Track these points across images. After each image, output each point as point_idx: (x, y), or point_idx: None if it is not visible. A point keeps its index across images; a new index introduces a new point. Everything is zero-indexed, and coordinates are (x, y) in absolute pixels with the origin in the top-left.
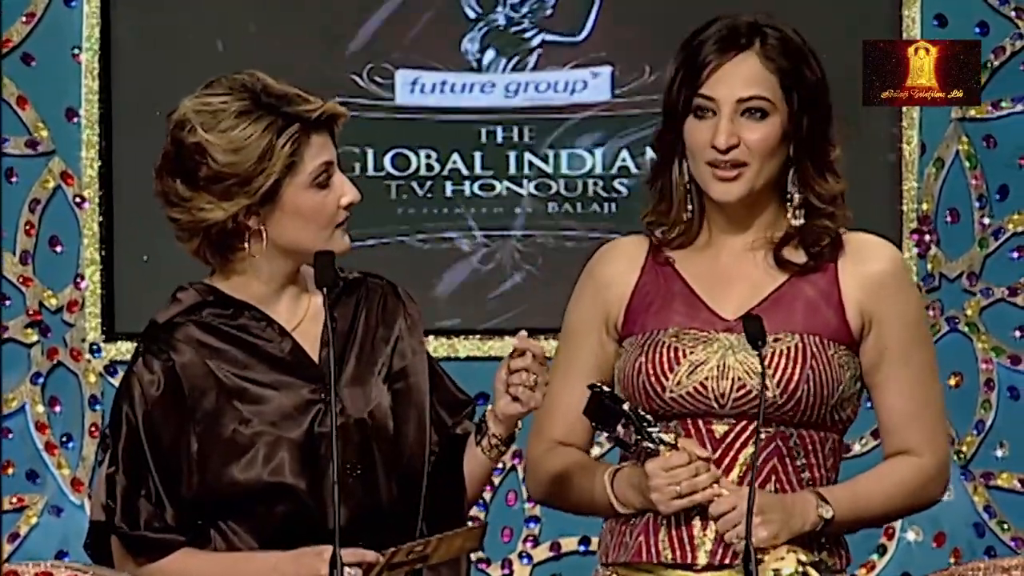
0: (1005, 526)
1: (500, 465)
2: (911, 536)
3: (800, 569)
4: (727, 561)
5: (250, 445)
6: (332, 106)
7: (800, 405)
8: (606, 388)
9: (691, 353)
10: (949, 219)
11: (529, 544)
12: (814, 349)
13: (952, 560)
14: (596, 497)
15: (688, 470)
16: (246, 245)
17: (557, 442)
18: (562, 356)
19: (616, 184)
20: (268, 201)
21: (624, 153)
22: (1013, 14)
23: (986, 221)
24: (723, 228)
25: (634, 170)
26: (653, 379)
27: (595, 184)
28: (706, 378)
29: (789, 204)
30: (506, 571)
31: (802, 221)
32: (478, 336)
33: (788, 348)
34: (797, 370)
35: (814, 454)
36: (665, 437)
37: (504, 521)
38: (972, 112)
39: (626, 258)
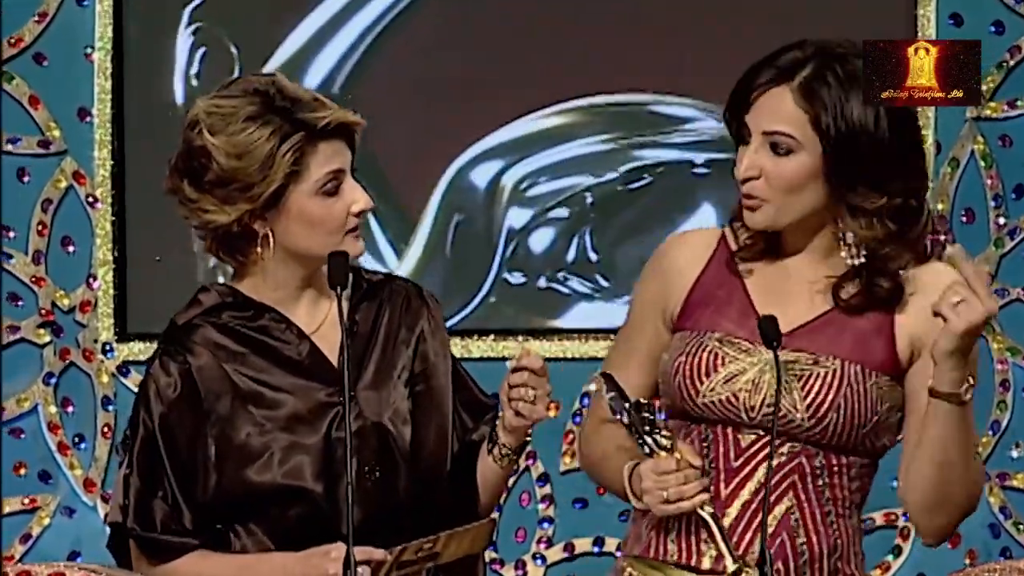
0: (1021, 527)
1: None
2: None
3: None
4: (720, 568)
5: (265, 449)
6: (343, 114)
7: (828, 430)
8: (616, 379)
9: (731, 362)
10: (964, 219)
11: (543, 545)
12: (852, 377)
13: (967, 561)
14: (622, 486)
15: (677, 477)
16: (256, 249)
17: (605, 420)
18: (623, 334)
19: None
20: (272, 207)
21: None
22: None
23: (1001, 221)
24: (787, 248)
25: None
26: (689, 382)
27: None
28: (740, 389)
29: (843, 242)
30: (520, 572)
31: (859, 260)
32: (491, 336)
33: (825, 372)
34: (830, 396)
35: (838, 476)
36: (661, 440)
37: (518, 522)
38: (987, 112)
39: (694, 251)
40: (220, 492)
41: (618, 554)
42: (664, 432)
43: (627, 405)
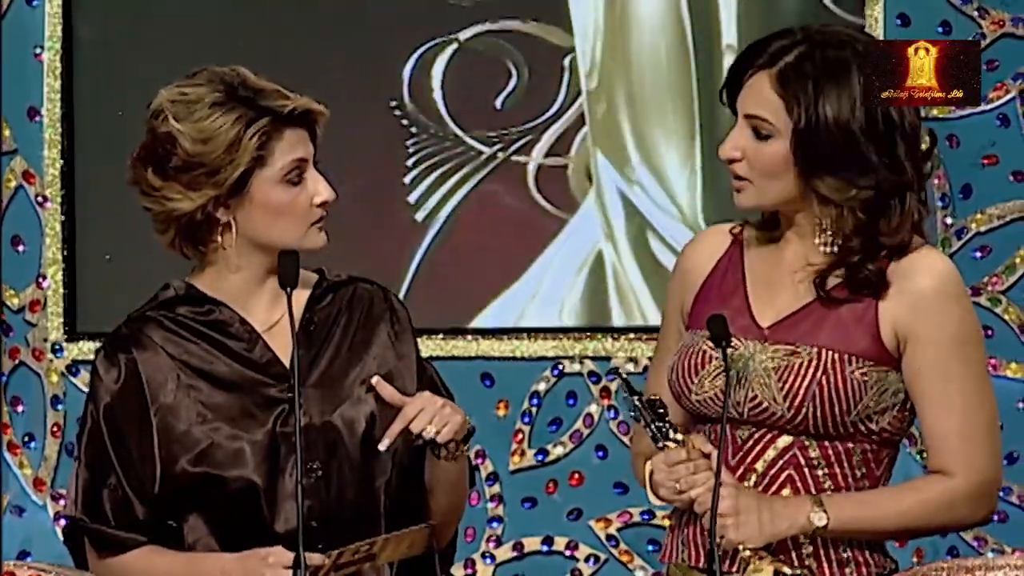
0: None
1: None
2: None
3: None
4: (733, 569)
5: (207, 439)
6: (307, 102)
7: (808, 419)
8: (627, 378)
9: (715, 358)
10: None
11: (492, 544)
12: (829, 365)
13: (915, 560)
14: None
15: (687, 467)
16: (218, 238)
17: None
18: (659, 336)
19: None
20: (236, 193)
21: None
22: (976, 14)
23: (949, 221)
24: (785, 232)
25: None
26: (681, 380)
27: None
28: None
29: (819, 229)
30: (469, 571)
31: (830, 248)
32: (440, 336)
33: (801, 362)
34: (804, 384)
35: (838, 464)
36: (672, 434)
37: (467, 521)
38: (935, 112)
39: (710, 248)
40: (164, 483)
41: (567, 553)
42: (676, 426)
43: (638, 401)
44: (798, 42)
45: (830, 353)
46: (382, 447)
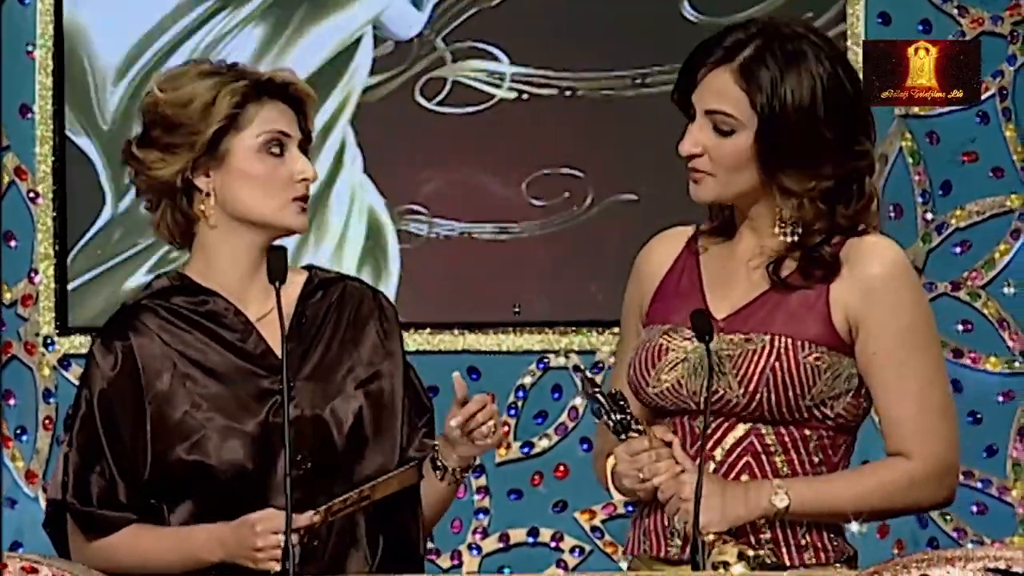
0: (948, 517)
1: None
2: (855, 527)
3: (739, 563)
4: (685, 556)
5: (200, 429)
6: (289, 76)
7: (763, 405)
8: (587, 373)
9: (673, 351)
10: (893, 214)
11: (478, 536)
12: (782, 351)
13: (895, 551)
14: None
15: (649, 455)
16: (200, 207)
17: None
18: (619, 340)
19: None
20: (213, 156)
21: None
22: (956, 12)
23: (929, 216)
24: (743, 223)
25: None
26: (638, 374)
27: None
28: (682, 376)
29: (779, 219)
30: (455, 562)
31: (792, 238)
32: (427, 329)
33: (755, 349)
34: (757, 370)
35: (795, 451)
36: (633, 424)
37: (453, 513)
38: (915, 109)
39: (666, 250)
40: (155, 469)
41: (552, 544)
42: (636, 419)
43: (600, 395)
44: (754, 35)
45: (783, 339)
46: (454, 423)
